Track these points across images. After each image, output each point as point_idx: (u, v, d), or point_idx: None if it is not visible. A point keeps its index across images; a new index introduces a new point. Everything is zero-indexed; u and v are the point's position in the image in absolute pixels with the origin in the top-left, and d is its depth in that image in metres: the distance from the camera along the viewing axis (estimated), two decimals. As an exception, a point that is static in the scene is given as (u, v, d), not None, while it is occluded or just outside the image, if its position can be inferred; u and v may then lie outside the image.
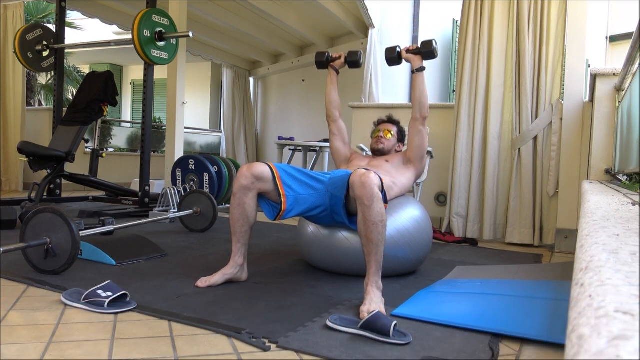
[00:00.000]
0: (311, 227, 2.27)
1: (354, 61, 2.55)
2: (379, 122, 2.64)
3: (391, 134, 2.51)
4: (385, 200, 1.97)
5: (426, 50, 2.36)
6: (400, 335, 1.42)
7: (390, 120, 2.62)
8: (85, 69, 10.73)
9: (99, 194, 4.55)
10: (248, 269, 2.07)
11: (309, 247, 2.28)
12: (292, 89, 7.85)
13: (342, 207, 2.00)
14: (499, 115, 3.42)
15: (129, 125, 9.37)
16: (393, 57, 2.47)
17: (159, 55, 3.77)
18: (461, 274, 2.33)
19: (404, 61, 2.47)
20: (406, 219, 2.20)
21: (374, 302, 1.67)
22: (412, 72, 2.39)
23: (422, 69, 2.37)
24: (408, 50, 2.42)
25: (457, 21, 6.10)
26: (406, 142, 2.55)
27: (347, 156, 2.55)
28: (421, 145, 2.38)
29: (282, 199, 2.01)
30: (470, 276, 2.28)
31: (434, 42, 2.35)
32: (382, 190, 1.89)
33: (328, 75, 2.59)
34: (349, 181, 1.88)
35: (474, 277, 2.26)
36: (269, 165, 2.03)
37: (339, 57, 2.57)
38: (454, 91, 5.70)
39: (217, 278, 1.96)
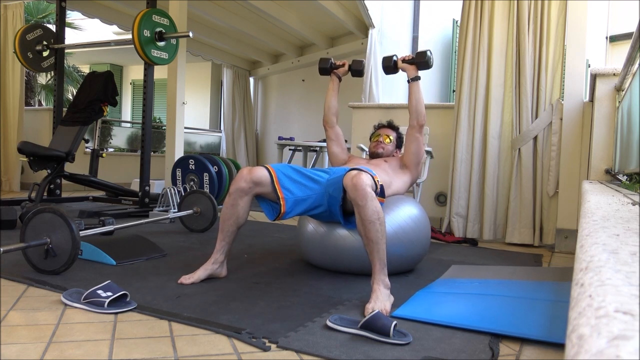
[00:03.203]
0: (311, 226, 2.27)
1: (358, 70, 2.62)
2: (379, 127, 2.70)
3: (390, 139, 2.58)
4: (383, 195, 1.98)
5: (420, 61, 2.45)
6: (400, 335, 1.42)
7: (390, 126, 2.69)
8: (85, 69, 10.72)
9: (99, 194, 4.55)
10: (248, 269, 2.09)
11: (308, 245, 2.29)
12: (292, 89, 7.85)
13: (338, 209, 2.03)
14: (499, 115, 3.42)
15: (129, 125, 9.37)
16: (389, 65, 2.55)
17: (159, 55, 3.77)
18: (457, 273, 2.34)
19: (400, 70, 2.54)
20: (404, 216, 2.21)
21: (379, 300, 1.68)
22: (408, 81, 2.47)
23: (417, 78, 2.46)
24: (404, 60, 2.50)
25: (457, 21, 6.09)
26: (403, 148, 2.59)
27: (344, 160, 2.61)
28: (417, 152, 2.45)
29: (282, 202, 2.04)
30: (467, 275, 2.28)
31: (428, 52, 2.43)
32: (380, 186, 1.90)
33: (330, 82, 2.64)
34: (343, 184, 1.90)
35: (470, 276, 2.27)
36: (267, 169, 2.05)
37: (343, 65, 2.63)
38: (454, 91, 5.70)
39: (199, 274, 2.00)
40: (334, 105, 2.62)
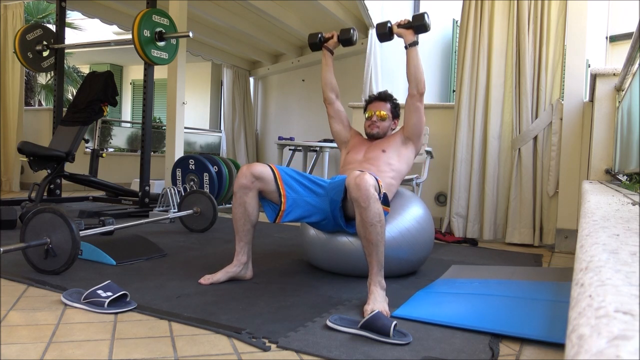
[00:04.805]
0: (313, 229, 2.27)
1: (347, 39, 2.45)
2: (370, 101, 2.49)
3: (383, 114, 2.39)
4: (387, 203, 1.96)
5: (418, 24, 2.27)
6: (400, 335, 1.42)
7: (381, 97, 2.46)
8: (85, 69, 10.72)
9: (99, 194, 4.54)
10: (249, 269, 2.08)
11: (311, 248, 2.28)
12: (292, 89, 7.85)
13: (339, 210, 2.01)
14: (499, 115, 3.42)
15: (129, 125, 9.37)
16: (384, 32, 2.38)
17: (159, 55, 3.77)
18: (457, 273, 2.33)
19: (395, 37, 2.38)
20: (408, 219, 2.19)
21: (377, 302, 1.68)
22: (405, 47, 2.30)
23: (415, 43, 2.28)
24: (399, 25, 2.33)
25: (457, 21, 6.09)
26: (402, 119, 2.44)
27: (347, 137, 2.49)
28: (419, 123, 2.30)
29: (282, 199, 2.01)
30: (467, 275, 2.28)
31: (425, 15, 2.27)
32: (382, 193, 1.89)
33: (322, 57, 2.49)
34: (345, 184, 1.89)
35: (470, 276, 2.27)
36: (270, 166, 2.03)
37: (332, 37, 2.47)
38: (454, 91, 5.70)
39: (219, 276, 1.99)
40: (330, 80, 2.47)
